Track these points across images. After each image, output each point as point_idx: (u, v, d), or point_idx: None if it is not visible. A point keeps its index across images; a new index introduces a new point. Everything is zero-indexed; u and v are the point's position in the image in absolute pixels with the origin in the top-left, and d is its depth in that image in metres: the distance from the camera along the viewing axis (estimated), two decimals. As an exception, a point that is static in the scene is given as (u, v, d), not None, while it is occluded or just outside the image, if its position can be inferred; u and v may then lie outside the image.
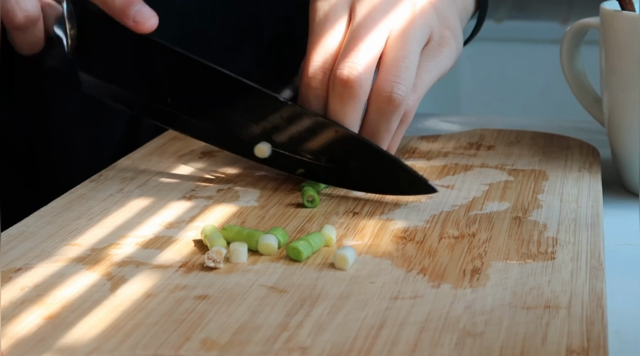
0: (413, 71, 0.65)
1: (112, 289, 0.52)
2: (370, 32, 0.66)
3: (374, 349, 0.46)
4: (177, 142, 0.76)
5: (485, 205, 0.63)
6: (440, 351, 0.46)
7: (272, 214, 0.62)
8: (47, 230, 0.60)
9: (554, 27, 1.76)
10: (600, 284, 0.52)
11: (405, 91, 0.65)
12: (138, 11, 0.66)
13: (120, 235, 0.59)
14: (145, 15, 0.66)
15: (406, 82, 0.65)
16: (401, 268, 0.54)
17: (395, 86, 0.64)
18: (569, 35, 0.75)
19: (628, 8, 0.69)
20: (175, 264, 0.55)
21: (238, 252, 0.55)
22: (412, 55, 0.66)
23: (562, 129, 0.82)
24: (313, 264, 0.55)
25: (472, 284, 0.52)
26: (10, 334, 0.47)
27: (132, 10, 0.66)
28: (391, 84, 0.64)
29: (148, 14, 0.66)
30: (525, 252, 0.56)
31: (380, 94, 0.65)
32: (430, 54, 0.68)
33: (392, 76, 0.65)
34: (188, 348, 0.46)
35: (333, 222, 0.61)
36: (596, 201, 0.63)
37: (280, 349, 0.46)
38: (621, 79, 0.68)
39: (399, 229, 0.60)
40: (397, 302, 0.50)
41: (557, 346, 0.46)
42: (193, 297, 0.51)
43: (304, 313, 0.49)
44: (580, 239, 0.58)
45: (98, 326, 0.48)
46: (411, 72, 0.65)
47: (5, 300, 0.51)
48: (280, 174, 0.69)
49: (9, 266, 0.55)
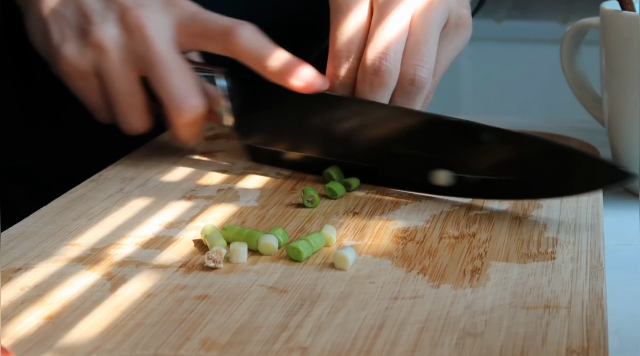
0: (434, 54, 0.67)
1: (112, 289, 0.52)
2: (395, 19, 0.67)
3: (374, 349, 0.46)
4: (177, 142, 0.76)
5: (485, 205, 0.63)
6: (440, 351, 0.46)
7: (272, 214, 0.62)
8: (47, 230, 0.60)
9: (554, 27, 1.76)
10: (600, 284, 0.52)
11: (428, 74, 0.66)
12: (306, 73, 0.66)
13: (120, 235, 0.59)
14: (313, 75, 0.66)
15: (428, 65, 0.67)
16: (401, 268, 0.54)
17: (419, 69, 0.66)
18: (569, 35, 0.75)
19: (628, 8, 0.69)
20: (175, 264, 0.55)
21: (238, 252, 0.55)
22: (433, 39, 0.67)
23: (562, 129, 0.81)
24: (313, 264, 0.55)
25: (472, 284, 0.52)
26: (10, 334, 0.47)
27: (300, 73, 0.66)
28: (414, 67, 0.66)
29: (316, 74, 0.66)
30: (525, 252, 0.56)
31: (405, 77, 0.66)
32: (448, 36, 0.70)
33: (415, 59, 0.66)
34: (188, 348, 0.46)
35: (333, 222, 0.61)
36: (596, 201, 0.63)
37: (280, 349, 0.46)
38: (621, 79, 0.68)
39: (399, 229, 0.60)
40: (397, 302, 0.50)
41: (557, 346, 0.46)
42: (193, 297, 0.51)
43: (304, 313, 0.49)
44: (580, 239, 0.58)
45: (98, 326, 0.48)
46: (433, 56, 0.67)
47: (5, 299, 0.51)
48: (281, 174, 0.69)
49: (9, 266, 0.55)
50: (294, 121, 0.69)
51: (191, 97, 0.68)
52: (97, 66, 0.68)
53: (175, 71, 0.67)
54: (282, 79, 0.66)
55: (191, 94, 0.68)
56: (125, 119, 0.70)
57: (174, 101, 0.67)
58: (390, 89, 0.66)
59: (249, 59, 0.67)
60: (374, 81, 0.66)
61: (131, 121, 0.70)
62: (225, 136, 0.77)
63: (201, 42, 0.69)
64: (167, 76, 0.67)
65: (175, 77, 0.67)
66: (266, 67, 0.67)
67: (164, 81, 0.67)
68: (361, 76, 0.67)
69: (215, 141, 0.77)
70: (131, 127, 0.71)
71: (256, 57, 0.67)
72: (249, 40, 0.67)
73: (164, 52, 0.67)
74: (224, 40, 0.67)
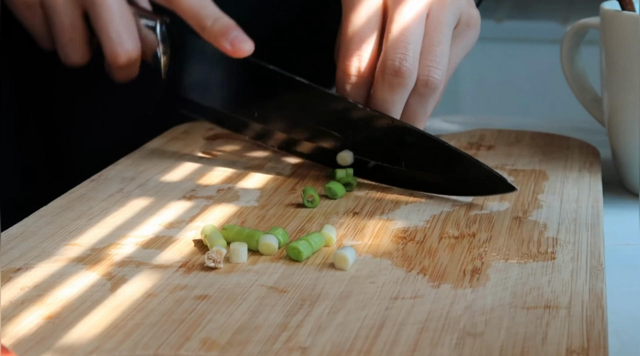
0: (447, 55, 0.68)
1: (112, 289, 0.52)
2: (413, 18, 0.68)
3: (374, 349, 0.46)
4: (177, 142, 0.76)
5: (485, 205, 0.63)
6: (440, 351, 0.46)
7: (272, 214, 0.62)
8: (47, 230, 0.60)
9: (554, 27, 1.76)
10: (600, 284, 0.52)
11: (441, 75, 0.67)
12: (236, 37, 0.68)
13: (120, 235, 0.59)
14: (242, 40, 0.68)
15: (442, 66, 0.67)
16: (401, 268, 0.54)
17: (432, 71, 0.67)
18: (569, 35, 0.75)
19: (628, 8, 0.69)
20: (175, 264, 0.55)
21: (238, 252, 0.55)
22: (447, 39, 0.68)
23: (562, 129, 0.81)
24: (313, 264, 0.55)
25: (472, 284, 0.52)
26: (11, 334, 0.47)
27: (230, 36, 0.68)
28: (428, 69, 0.67)
29: (245, 39, 0.68)
30: (525, 252, 0.56)
31: (420, 78, 0.67)
32: (459, 36, 0.71)
33: (429, 61, 0.67)
34: (188, 348, 0.46)
35: (333, 222, 0.61)
36: (596, 201, 0.63)
37: (280, 349, 0.46)
38: (621, 79, 0.68)
39: (399, 229, 0.60)
40: (397, 302, 0.50)
41: (557, 346, 0.46)
42: (193, 297, 0.51)
43: (304, 313, 0.49)
44: (580, 239, 0.58)
45: (98, 326, 0.48)
46: (446, 57, 0.68)
47: (5, 299, 0.51)
48: (281, 173, 0.69)
49: (9, 266, 0.55)
50: (220, 79, 0.71)
51: (127, 42, 0.70)
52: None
53: (115, 13, 0.70)
54: (213, 38, 0.69)
55: (128, 39, 0.70)
56: (65, 51, 0.72)
57: (110, 43, 0.70)
58: (409, 90, 0.67)
59: (186, 14, 0.69)
60: (393, 81, 0.66)
61: (70, 54, 0.72)
62: (225, 136, 0.77)
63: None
64: (108, 18, 0.70)
65: (115, 19, 0.70)
66: (199, 23, 0.69)
67: (104, 23, 0.70)
68: (380, 76, 0.67)
69: (215, 141, 0.77)
70: (70, 60, 0.73)
71: (193, 13, 0.69)
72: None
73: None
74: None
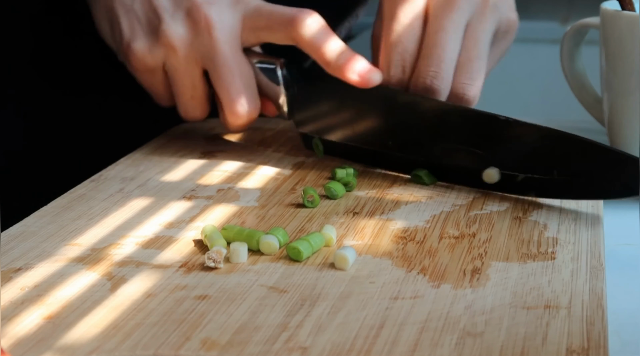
0: (485, 69, 0.68)
1: (112, 289, 0.52)
2: (451, 31, 0.67)
3: (374, 349, 0.46)
4: (177, 142, 0.76)
5: (485, 205, 0.63)
6: (440, 351, 0.46)
7: (272, 214, 0.62)
8: (47, 230, 0.60)
9: (554, 27, 1.76)
10: (600, 284, 0.52)
11: (476, 91, 0.68)
12: (362, 68, 0.67)
13: (120, 235, 0.59)
14: (370, 71, 0.67)
15: (478, 82, 0.68)
16: (401, 268, 0.54)
17: (467, 88, 0.68)
18: (569, 35, 0.75)
19: (628, 8, 0.69)
20: (175, 264, 0.55)
21: (238, 252, 0.55)
22: (484, 53, 0.68)
23: (562, 129, 0.81)
24: (313, 264, 0.55)
25: (472, 284, 0.52)
26: (11, 334, 0.47)
27: (357, 68, 0.67)
28: (463, 86, 0.67)
29: (372, 69, 0.67)
30: (525, 252, 0.56)
31: (453, 93, 0.68)
32: (496, 42, 0.71)
33: (464, 77, 0.68)
34: (188, 348, 0.46)
35: (333, 222, 0.61)
36: (596, 201, 0.63)
37: (280, 349, 0.46)
38: (621, 79, 0.68)
39: (399, 229, 0.60)
40: (397, 302, 0.50)
41: (557, 346, 0.46)
42: (193, 297, 0.51)
43: (304, 313, 0.49)
44: (580, 239, 0.58)
45: (98, 326, 0.48)
46: (483, 71, 0.68)
47: (5, 299, 0.51)
48: (281, 173, 0.69)
49: (9, 266, 0.55)
50: (349, 112, 0.70)
51: (247, 102, 0.70)
52: (165, 62, 0.71)
53: (236, 74, 0.70)
54: (338, 71, 0.68)
55: (248, 99, 0.70)
56: (186, 108, 0.73)
57: (231, 103, 0.70)
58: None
59: (309, 48, 0.69)
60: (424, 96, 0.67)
61: (190, 110, 0.73)
62: (225, 136, 0.78)
63: (265, 34, 0.70)
64: (229, 78, 0.70)
65: (236, 80, 0.70)
66: (324, 58, 0.68)
67: (225, 82, 0.70)
68: (413, 88, 0.68)
69: (215, 141, 0.77)
70: (190, 116, 0.74)
71: (316, 46, 0.68)
72: (310, 28, 0.68)
73: (228, 54, 0.69)
74: (287, 29, 0.69)
